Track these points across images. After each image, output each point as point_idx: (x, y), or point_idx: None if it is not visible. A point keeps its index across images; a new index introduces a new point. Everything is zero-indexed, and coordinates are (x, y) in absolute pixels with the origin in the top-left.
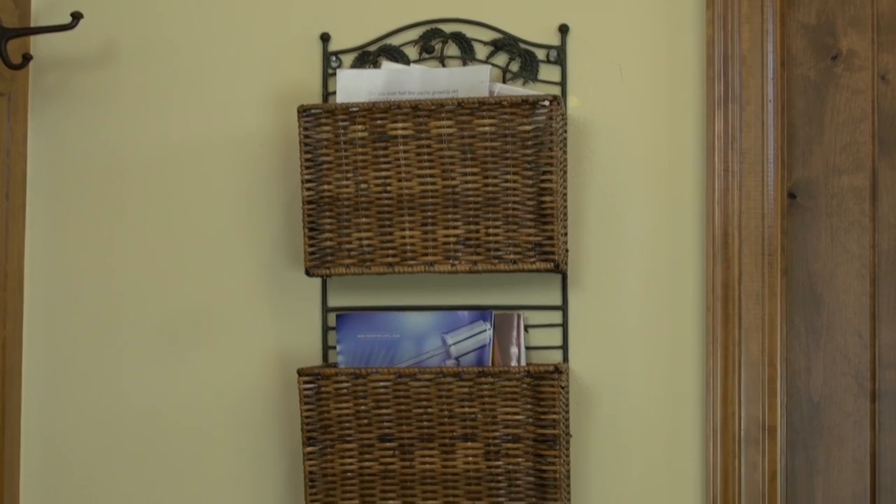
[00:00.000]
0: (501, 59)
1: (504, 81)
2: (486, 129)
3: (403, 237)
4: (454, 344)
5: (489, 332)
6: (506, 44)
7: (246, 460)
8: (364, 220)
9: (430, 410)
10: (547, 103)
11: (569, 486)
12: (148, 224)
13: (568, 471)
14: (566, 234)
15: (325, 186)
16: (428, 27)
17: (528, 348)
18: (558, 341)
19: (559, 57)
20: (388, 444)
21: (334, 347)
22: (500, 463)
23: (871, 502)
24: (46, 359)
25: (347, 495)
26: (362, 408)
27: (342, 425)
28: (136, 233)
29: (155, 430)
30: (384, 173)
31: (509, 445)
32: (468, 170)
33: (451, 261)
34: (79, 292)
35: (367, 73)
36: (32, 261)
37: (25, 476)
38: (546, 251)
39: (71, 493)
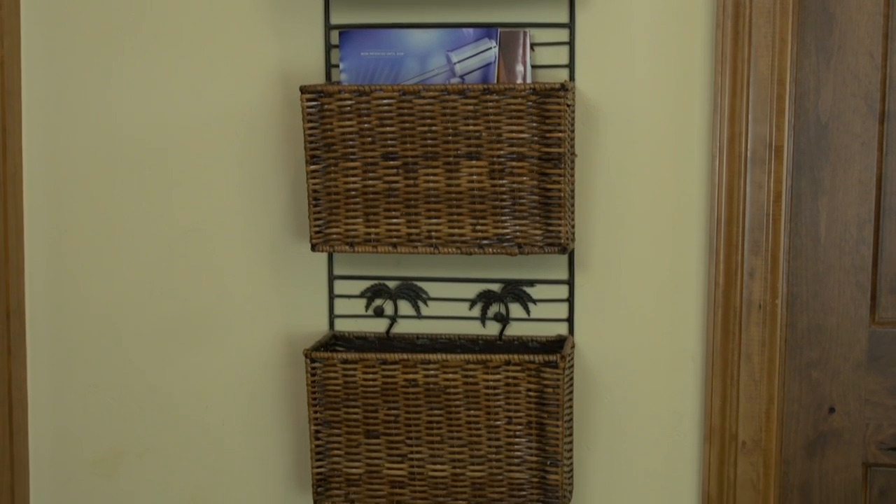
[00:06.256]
0: None
1: None
2: None
3: None
4: (459, 62)
5: (494, 50)
6: None
7: (249, 179)
8: None
9: (434, 128)
10: None
11: (573, 205)
12: None
13: (572, 190)
14: None
15: None
16: None
17: (533, 67)
18: (565, 60)
19: None
20: (392, 163)
21: (337, 66)
22: (504, 181)
23: (876, 223)
24: (45, 83)
25: (351, 213)
26: (366, 126)
27: (346, 143)
28: None
29: (152, 151)
30: None
31: (514, 164)
32: None
33: None
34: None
35: None
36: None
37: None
38: None
39: (76, 207)
